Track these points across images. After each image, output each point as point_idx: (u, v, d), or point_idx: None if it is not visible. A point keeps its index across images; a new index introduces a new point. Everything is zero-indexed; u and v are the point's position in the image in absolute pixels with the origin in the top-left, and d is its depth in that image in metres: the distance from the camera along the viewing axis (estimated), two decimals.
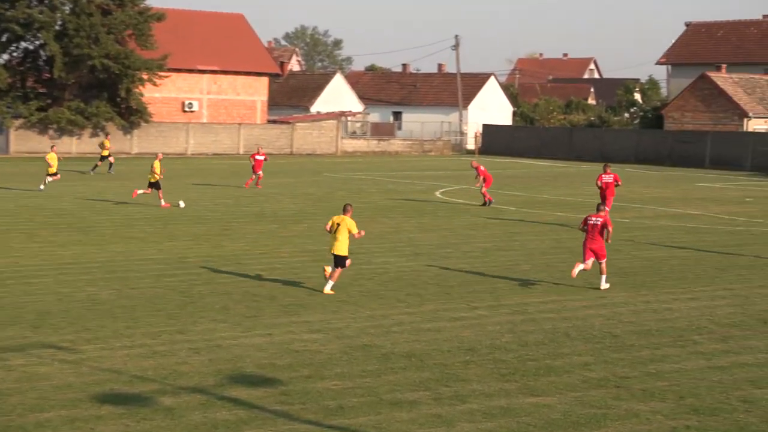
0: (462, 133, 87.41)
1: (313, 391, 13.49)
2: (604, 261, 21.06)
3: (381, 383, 13.92)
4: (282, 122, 77.11)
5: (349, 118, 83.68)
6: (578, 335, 17.02)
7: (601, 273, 21.23)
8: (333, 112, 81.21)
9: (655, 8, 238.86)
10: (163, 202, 35.20)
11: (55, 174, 41.12)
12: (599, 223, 20.77)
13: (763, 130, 71.52)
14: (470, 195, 42.25)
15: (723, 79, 74.97)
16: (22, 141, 64.85)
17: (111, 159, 52.04)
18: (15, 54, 66.49)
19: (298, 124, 76.56)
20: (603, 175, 33.41)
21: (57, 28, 63.91)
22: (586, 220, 21.09)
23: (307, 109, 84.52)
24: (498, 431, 12.07)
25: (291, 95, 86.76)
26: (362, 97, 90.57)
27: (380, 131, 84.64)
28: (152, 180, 35.59)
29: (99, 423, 11.92)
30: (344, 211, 20.28)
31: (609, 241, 21.22)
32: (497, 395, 13.46)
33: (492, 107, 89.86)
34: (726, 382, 14.23)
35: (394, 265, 23.86)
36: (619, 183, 33.40)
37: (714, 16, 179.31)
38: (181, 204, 35.01)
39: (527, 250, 26.73)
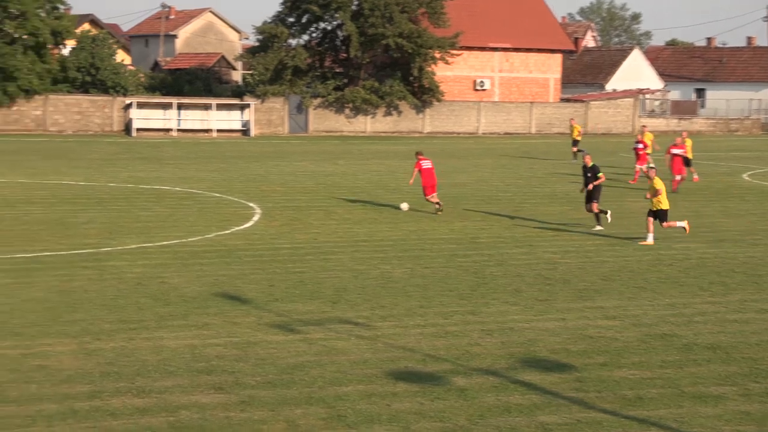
0: None
1: (609, 379, 12.98)
2: None
3: (682, 375, 13.17)
4: (575, 100, 75.86)
5: (647, 96, 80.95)
6: None
7: None
8: (630, 90, 78.87)
9: None
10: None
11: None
12: None
13: None
14: None
15: None
16: (320, 120, 67.63)
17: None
18: (314, 35, 69.20)
19: (592, 102, 75.04)
20: None
21: (353, 8, 65.84)
22: None
23: (602, 87, 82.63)
24: None
25: (585, 72, 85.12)
26: (662, 74, 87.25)
27: (681, 109, 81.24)
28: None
29: (394, 400, 12.00)
30: (651, 177, 24.13)
31: None
32: None
33: None
34: None
35: (696, 252, 22.63)
36: None
37: None
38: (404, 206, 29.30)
39: None
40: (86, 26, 78.15)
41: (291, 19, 67.41)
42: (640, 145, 37.61)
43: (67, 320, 15.40)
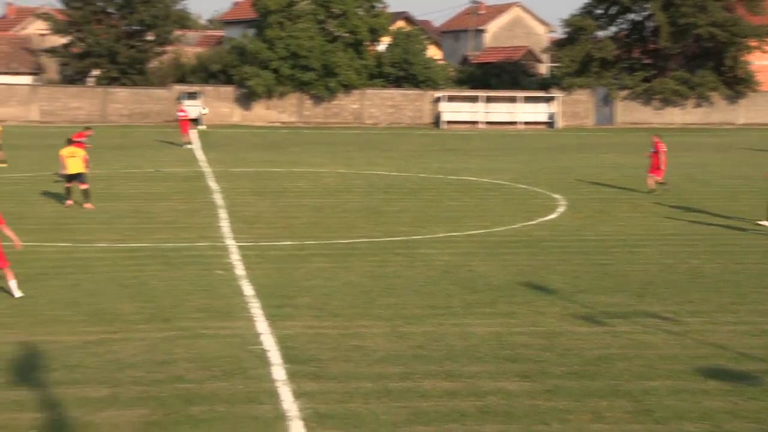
0: None
1: None
2: None
3: None
4: None
5: None
6: None
7: None
8: None
9: None
10: None
11: None
12: None
13: None
14: None
15: None
16: (627, 112, 66.38)
17: None
18: (622, 26, 68.20)
19: None
20: None
21: None
22: None
23: None
24: None
25: None
26: None
27: None
28: None
29: (705, 397, 11.73)
30: None
31: None
32: None
33: None
34: None
35: None
36: None
37: None
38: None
39: None
40: (400, 23, 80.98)
41: (599, 11, 66.87)
42: None
43: (380, 304, 16.20)
